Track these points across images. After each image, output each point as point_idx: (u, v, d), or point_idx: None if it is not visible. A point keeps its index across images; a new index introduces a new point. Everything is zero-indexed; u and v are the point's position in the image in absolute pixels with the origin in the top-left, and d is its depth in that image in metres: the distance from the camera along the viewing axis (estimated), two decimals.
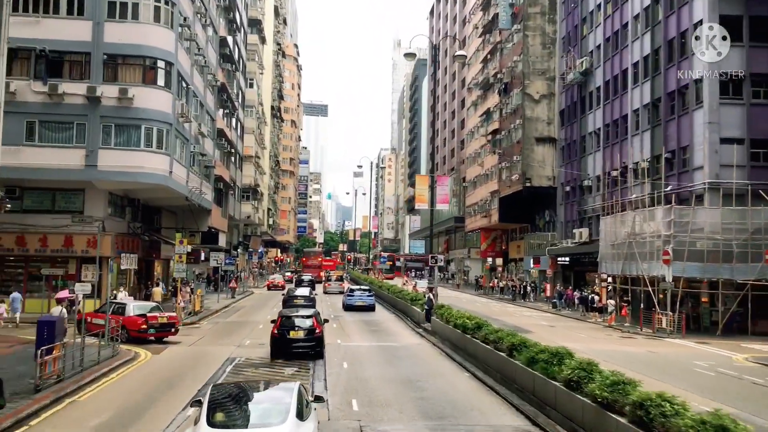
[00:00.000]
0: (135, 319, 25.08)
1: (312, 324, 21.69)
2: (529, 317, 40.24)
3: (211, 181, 45.26)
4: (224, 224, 52.35)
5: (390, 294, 43.15)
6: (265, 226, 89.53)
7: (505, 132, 62.01)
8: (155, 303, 28.33)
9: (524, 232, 65.39)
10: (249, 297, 54.21)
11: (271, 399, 10.13)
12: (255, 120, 71.32)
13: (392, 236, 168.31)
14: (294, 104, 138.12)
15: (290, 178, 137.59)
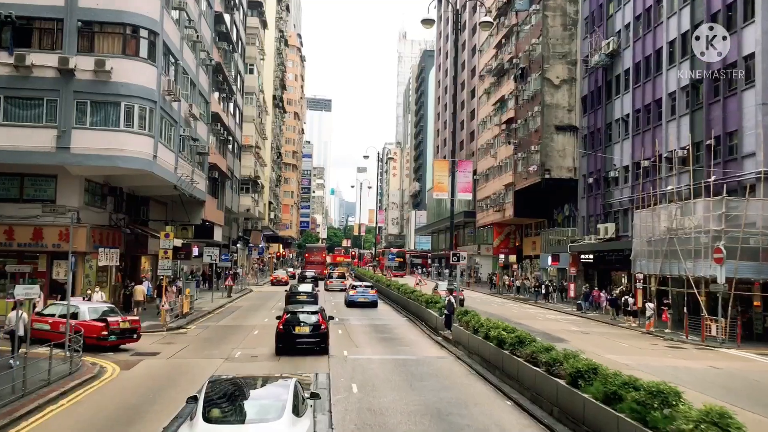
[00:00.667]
0: (93, 325, 21.10)
1: (317, 320, 21.72)
2: (555, 321, 36.16)
3: (205, 170, 41.25)
4: (220, 217, 48.37)
5: (401, 294, 39.08)
6: (266, 220, 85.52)
7: (522, 121, 57.85)
8: (110, 305, 24.27)
9: (540, 227, 61.27)
10: (247, 296, 50.24)
11: (268, 395, 9.95)
12: (255, 108, 67.23)
13: (397, 232, 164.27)
14: (297, 96, 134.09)
15: (293, 171, 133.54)
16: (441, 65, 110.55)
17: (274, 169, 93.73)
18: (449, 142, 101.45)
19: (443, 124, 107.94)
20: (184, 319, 30.74)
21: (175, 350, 22.42)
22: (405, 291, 38.30)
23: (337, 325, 29.86)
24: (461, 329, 22.57)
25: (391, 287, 44.63)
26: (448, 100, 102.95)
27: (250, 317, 33.82)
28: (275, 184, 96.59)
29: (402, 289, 39.13)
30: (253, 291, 55.19)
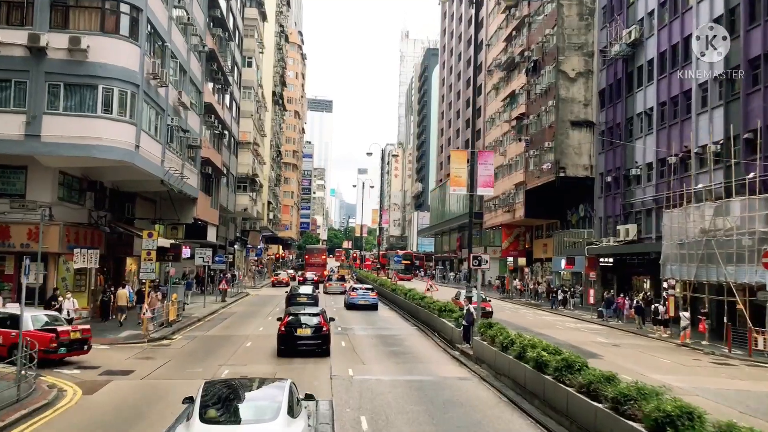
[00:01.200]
0: (40, 335, 17.96)
1: (319, 322, 21.54)
2: (578, 331, 32.97)
3: (197, 165, 38.09)
4: (214, 216, 45.22)
5: (409, 300, 35.85)
6: (264, 220, 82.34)
7: (534, 116, 54.71)
8: (53, 313, 21.07)
9: (552, 229, 58.13)
10: (243, 300, 47.07)
11: (263, 396, 9.99)
12: (253, 103, 64.11)
13: (398, 233, 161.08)
14: (298, 94, 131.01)
15: (293, 171, 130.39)
16: (446, 62, 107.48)
17: (274, 167, 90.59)
18: (454, 141, 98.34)
19: (447, 122, 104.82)
20: (170, 328, 27.56)
21: (152, 368, 19.22)
22: (413, 296, 35.08)
23: (339, 335, 26.73)
24: (484, 344, 19.40)
25: (397, 292, 41.43)
26: (453, 97, 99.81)
27: (244, 325, 30.63)
28: (274, 183, 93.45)
29: (410, 294, 35.88)
30: (249, 295, 52.03)
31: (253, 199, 66.26)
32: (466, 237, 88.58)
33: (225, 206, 50.89)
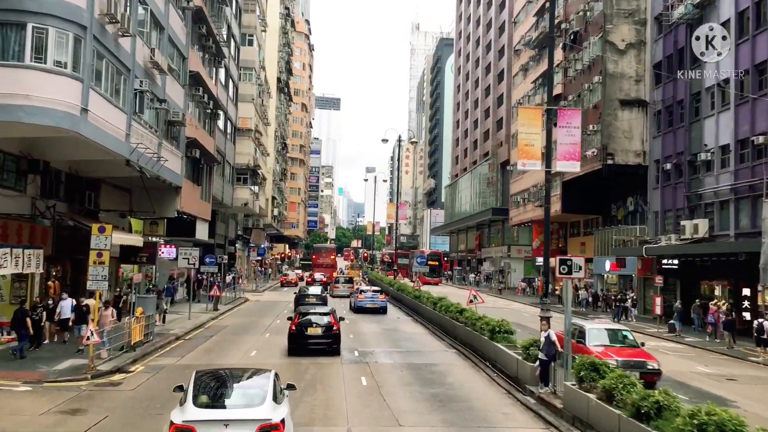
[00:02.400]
0: None
1: (329, 321, 21.57)
2: (660, 353, 25.61)
3: (181, 146, 31.11)
4: (205, 210, 38.21)
5: (440, 313, 28.48)
6: (268, 217, 75.40)
7: (573, 97, 47.45)
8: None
9: (592, 225, 50.90)
10: (240, 308, 40.09)
11: (250, 385, 10.62)
12: (255, 87, 57.17)
13: (410, 232, 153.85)
14: (305, 86, 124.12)
15: (300, 167, 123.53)
16: (461, 49, 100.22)
17: (279, 161, 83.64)
18: (471, 132, 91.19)
19: (464, 113, 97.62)
20: (133, 354, 20.55)
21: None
22: (446, 308, 27.76)
23: (357, 365, 19.77)
24: (587, 397, 12.29)
25: (422, 300, 34.25)
26: (470, 86, 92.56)
27: (231, 347, 23.56)
28: (279, 177, 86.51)
29: (442, 305, 28.52)
30: (248, 301, 45.02)
31: (255, 193, 59.30)
32: (487, 235, 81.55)
33: (220, 199, 43.91)
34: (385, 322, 32.04)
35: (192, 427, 8.99)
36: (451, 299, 29.92)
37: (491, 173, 76.60)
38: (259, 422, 9.20)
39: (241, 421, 9.21)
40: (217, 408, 9.62)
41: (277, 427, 9.30)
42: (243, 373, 11.86)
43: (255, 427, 9.13)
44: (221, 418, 9.28)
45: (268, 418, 9.31)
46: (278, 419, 9.41)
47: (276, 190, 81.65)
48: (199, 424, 9.05)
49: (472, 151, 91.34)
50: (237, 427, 9.10)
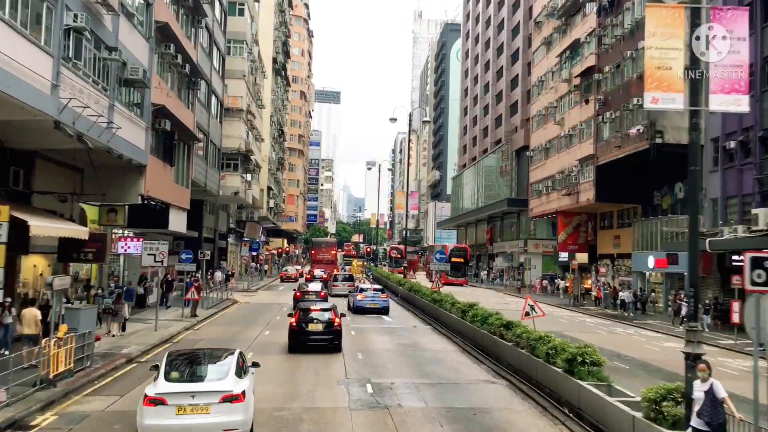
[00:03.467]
0: None
1: (330, 317, 20.95)
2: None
3: (145, 115, 24.62)
4: (182, 196, 31.69)
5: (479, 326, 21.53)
6: (264, 209, 68.97)
7: (610, 68, 40.95)
8: None
9: (628, 216, 44.57)
10: (225, 313, 33.64)
11: (217, 362, 11.62)
12: (246, 62, 50.71)
13: (413, 225, 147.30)
14: (304, 74, 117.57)
15: (299, 158, 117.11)
16: (470, 32, 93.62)
17: (275, 148, 77.13)
18: (481, 119, 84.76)
19: (473, 99, 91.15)
20: (49, 391, 14.16)
21: None
22: (482, 319, 21.15)
23: (376, 412, 13.31)
24: None
25: (443, 305, 27.79)
26: (480, 70, 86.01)
27: None
28: (276, 167, 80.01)
29: (476, 315, 21.84)
30: (237, 303, 38.62)
31: (247, 181, 52.87)
32: (499, 228, 75.04)
33: (203, 186, 37.48)
34: (400, 334, 25.66)
35: (163, 399, 10.21)
36: (484, 305, 23.48)
37: (505, 161, 70.14)
38: (222, 393, 10.45)
39: (206, 392, 10.46)
40: (185, 382, 10.76)
41: (237, 397, 10.53)
42: (212, 352, 12.89)
43: (218, 397, 10.40)
44: (189, 390, 10.46)
45: (229, 389, 10.54)
46: (239, 391, 10.64)
47: (272, 181, 75.20)
48: (170, 395, 10.26)
49: (482, 139, 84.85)
50: (202, 398, 10.36)
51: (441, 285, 31.07)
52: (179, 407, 10.20)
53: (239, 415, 10.43)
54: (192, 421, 10.18)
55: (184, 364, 11.45)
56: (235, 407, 10.37)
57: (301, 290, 34.51)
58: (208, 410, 10.24)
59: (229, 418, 10.30)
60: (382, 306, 33.56)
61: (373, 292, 34.66)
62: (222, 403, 10.29)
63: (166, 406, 10.12)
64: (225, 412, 10.28)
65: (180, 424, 10.14)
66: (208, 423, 10.20)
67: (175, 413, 10.15)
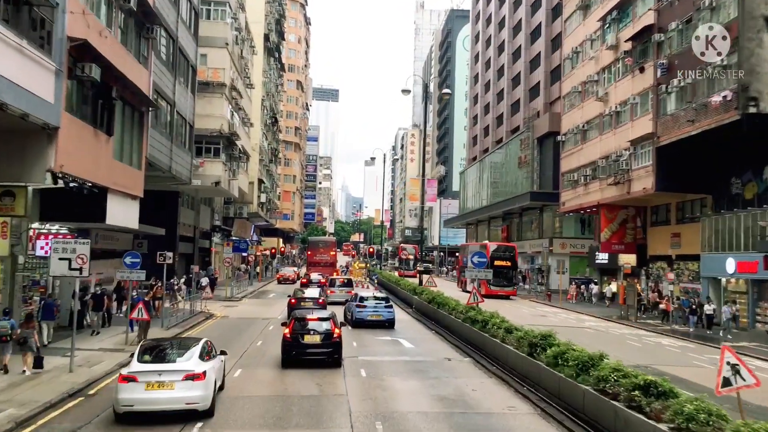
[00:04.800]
0: None
1: (329, 327, 18.33)
2: None
3: (55, 51, 16.34)
4: (129, 179, 23.26)
5: (580, 383, 12.78)
6: (254, 204, 60.66)
7: (679, 24, 32.65)
8: None
9: (690, 209, 36.41)
10: (189, 335, 25.24)
11: (183, 348, 13.50)
12: (230, 30, 42.50)
13: (415, 225, 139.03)
14: (300, 62, 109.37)
15: (295, 152, 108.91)
16: (481, 13, 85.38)
17: (268, 137, 68.75)
18: (494, 106, 76.54)
19: (484, 87, 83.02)
20: None
21: None
22: (586, 366, 12.79)
23: None
24: None
25: (492, 332, 19.26)
26: (493, 52, 77.78)
27: None
28: (269, 158, 71.66)
29: (570, 360, 13.36)
30: (213, 318, 30.32)
31: (231, 170, 44.62)
32: (517, 226, 66.74)
33: (168, 169, 29.15)
34: (432, 375, 17.35)
35: (134, 376, 12.04)
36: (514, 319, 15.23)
37: (524, 150, 61.91)
38: (185, 372, 12.25)
39: (171, 371, 12.30)
40: (154, 363, 12.57)
41: (198, 376, 12.28)
42: (181, 341, 15.36)
43: (181, 376, 12.19)
44: (156, 369, 12.31)
45: (191, 369, 12.33)
46: (200, 370, 12.39)
47: (264, 173, 66.87)
48: (140, 373, 12.11)
49: (495, 129, 76.64)
50: (168, 376, 12.16)
51: (481, 299, 22.68)
52: (148, 383, 12.01)
53: (200, 391, 12.23)
54: (159, 395, 12.02)
55: (154, 350, 13.29)
56: (196, 384, 12.20)
57: (296, 296, 30.71)
58: (173, 386, 12.06)
59: (191, 394, 12.11)
60: (387, 318, 27.51)
61: (376, 302, 28.28)
62: (185, 381, 12.12)
63: (137, 383, 11.95)
64: (187, 388, 12.09)
65: (148, 398, 11.96)
66: (172, 397, 12.02)
67: (144, 389, 11.96)
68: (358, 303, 27.97)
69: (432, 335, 26.00)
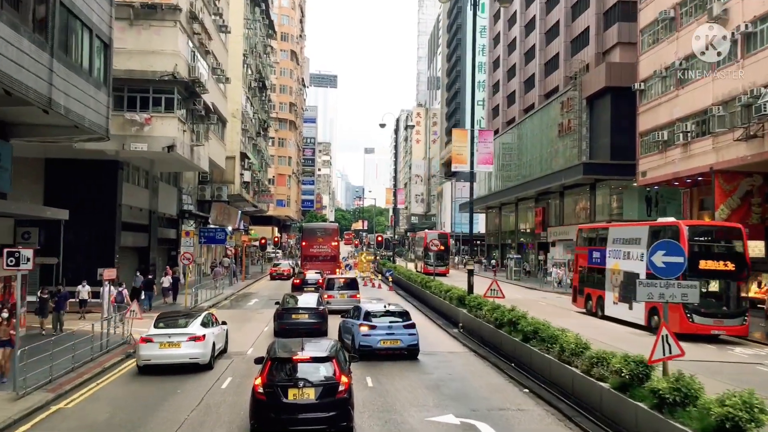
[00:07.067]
0: None
1: (330, 374, 10.85)
2: None
3: None
4: None
5: None
6: (236, 184, 48.06)
7: None
8: None
9: None
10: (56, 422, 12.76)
11: (189, 318, 17.01)
12: None
13: (422, 211, 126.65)
14: (295, 31, 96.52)
15: (291, 131, 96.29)
16: None
17: (254, 104, 55.89)
18: (521, 67, 63.88)
19: (506, 48, 70.39)
20: None
21: None
22: None
23: None
24: None
25: None
26: (519, 4, 64.86)
27: None
28: (257, 131, 58.87)
29: None
30: (126, 364, 17.69)
31: (195, 132, 32.10)
32: (557, 208, 52.59)
33: (46, 102, 16.46)
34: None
35: (151, 338, 15.56)
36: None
37: (567, 115, 49.34)
38: (189, 335, 15.71)
39: (178, 334, 15.72)
40: (166, 328, 15.98)
41: (199, 337, 15.78)
42: (187, 312, 19.39)
43: (186, 337, 15.64)
44: (167, 333, 15.76)
45: (193, 332, 15.82)
46: (200, 334, 15.90)
47: (251, 148, 54.19)
48: (155, 336, 15.61)
49: (522, 95, 64.00)
50: (176, 338, 15.60)
51: (679, 349, 10.30)
52: (161, 343, 15.52)
53: (200, 349, 15.75)
54: (169, 352, 15.53)
55: (167, 319, 16.98)
56: (197, 344, 15.70)
57: (285, 306, 21.73)
58: (180, 346, 15.54)
59: (194, 351, 15.61)
60: (408, 345, 17.74)
61: (391, 319, 18.03)
62: (189, 341, 15.60)
63: (153, 343, 15.48)
64: (191, 347, 15.59)
65: (161, 354, 15.50)
66: (180, 353, 15.53)
67: (159, 348, 15.50)
68: (363, 321, 17.80)
69: (530, 402, 13.34)
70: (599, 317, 26.15)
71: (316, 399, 10.60)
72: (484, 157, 30.42)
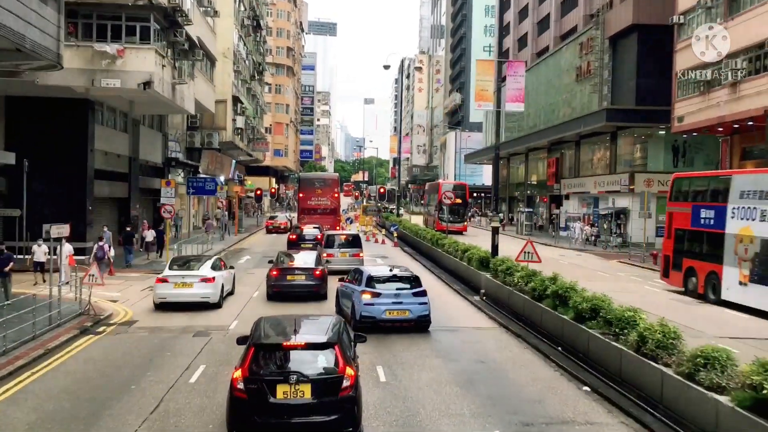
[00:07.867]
0: None
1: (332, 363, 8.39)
2: None
3: None
4: None
5: None
6: (228, 130, 44.22)
7: None
8: None
9: None
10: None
11: (200, 261, 18.64)
12: None
13: (424, 162, 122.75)
14: None
15: (288, 77, 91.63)
16: None
17: (247, 43, 51.48)
18: (535, 9, 59.22)
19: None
20: None
21: None
22: None
23: None
24: None
25: None
26: None
27: None
28: (252, 74, 54.61)
29: None
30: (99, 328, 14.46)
31: (176, 68, 28.19)
32: (572, 159, 47.71)
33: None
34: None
35: (166, 278, 16.98)
36: None
37: (587, 57, 45.24)
38: (200, 276, 17.15)
39: (190, 275, 17.16)
40: (180, 270, 17.51)
41: (209, 279, 17.18)
42: (199, 257, 20.92)
43: (198, 278, 17.07)
44: (180, 274, 17.24)
45: (204, 274, 17.26)
46: (210, 275, 17.31)
47: (244, 92, 50.11)
48: (170, 276, 17.01)
49: (535, 38, 59.56)
50: (188, 279, 17.02)
51: None
52: (175, 284, 16.84)
53: (210, 289, 17.10)
54: (182, 291, 16.82)
55: (181, 262, 18.62)
56: (208, 285, 17.07)
57: (279, 265, 19.37)
58: (192, 286, 16.87)
59: (204, 291, 16.98)
60: (418, 316, 14.76)
61: (397, 285, 15.10)
62: (200, 282, 16.96)
63: (168, 283, 16.85)
64: (202, 287, 16.95)
65: (175, 293, 16.81)
66: (192, 293, 16.86)
67: (173, 287, 16.83)
68: (365, 287, 14.92)
69: (600, 410, 10.02)
70: (711, 302, 19.18)
71: (314, 398, 8.12)
72: (514, 94, 26.34)
